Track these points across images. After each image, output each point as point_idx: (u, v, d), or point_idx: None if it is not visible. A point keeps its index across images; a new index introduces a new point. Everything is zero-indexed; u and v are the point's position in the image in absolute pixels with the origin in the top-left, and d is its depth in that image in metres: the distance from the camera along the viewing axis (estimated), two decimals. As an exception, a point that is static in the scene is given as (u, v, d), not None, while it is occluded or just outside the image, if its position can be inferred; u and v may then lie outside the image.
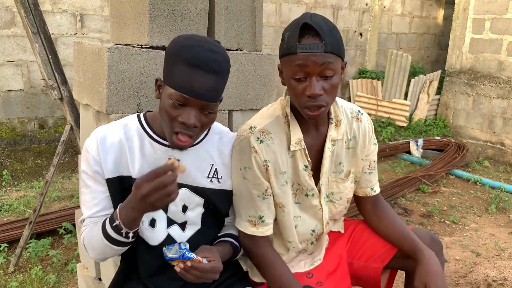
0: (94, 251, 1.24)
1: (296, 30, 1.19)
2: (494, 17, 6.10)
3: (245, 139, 1.32)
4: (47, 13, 4.55)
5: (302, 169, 1.37)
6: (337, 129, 1.40)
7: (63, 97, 2.68)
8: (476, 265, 2.93)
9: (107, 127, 1.28)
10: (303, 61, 1.18)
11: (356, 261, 1.56)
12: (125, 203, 1.14)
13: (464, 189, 4.51)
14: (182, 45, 1.15)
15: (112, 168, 1.24)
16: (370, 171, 1.52)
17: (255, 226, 1.36)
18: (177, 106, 1.14)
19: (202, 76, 1.13)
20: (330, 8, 6.90)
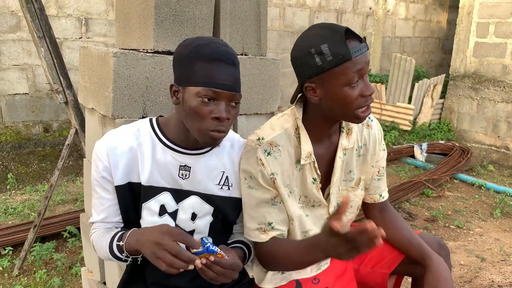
0: (100, 255, 1.28)
1: (341, 38, 1.16)
2: (498, 21, 6.09)
3: (252, 151, 1.30)
4: (52, 18, 4.58)
5: (311, 182, 1.35)
6: (348, 137, 1.38)
7: (68, 101, 2.69)
8: (481, 270, 2.92)
9: (118, 132, 1.26)
10: (359, 64, 1.18)
11: (363, 267, 1.55)
12: (138, 233, 1.15)
13: (468, 193, 4.49)
14: (197, 45, 1.16)
15: (122, 175, 1.23)
16: (379, 177, 1.51)
17: (265, 233, 1.32)
18: (206, 102, 1.13)
19: (225, 68, 1.14)
20: (334, 12, 6.91)
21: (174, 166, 1.24)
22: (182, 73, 1.17)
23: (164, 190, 1.25)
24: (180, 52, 1.18)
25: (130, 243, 1.15)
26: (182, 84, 1.17)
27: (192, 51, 1.15)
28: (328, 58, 1.17)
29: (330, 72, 1.18)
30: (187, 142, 1.25)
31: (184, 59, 1.16)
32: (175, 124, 1.25)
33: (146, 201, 1.25)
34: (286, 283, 1.40)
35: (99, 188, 1.26)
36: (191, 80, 1.15)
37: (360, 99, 1.21)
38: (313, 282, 1.43)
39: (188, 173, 1.26)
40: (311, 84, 1.23)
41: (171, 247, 1.03)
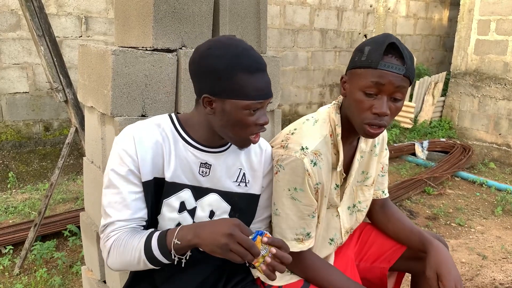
0: (121, 262, 1.18)
1: (382, 46, 1.19)
2: (499, 18, 6.06)
3: (298, 161, 1.27)
4: (52, 16, 4.57)
5: (333, 187, 1.37)
6: (366, 141, 1.41)
7: (68, 99, 2.69)
8: (483, 268, 2.91)
9: (142, 125, 1.23)
10: (381, 78, 1.18)
11: (363, 263, 1.57)
12: (194, 227, 1.11)
13: (470, 191, 4.48)
14: (234, 55, 1.13)
15: (150, 169, 1.20)
16: (383, 174, 1.55)
17: (302, 242, 1.34)
18: (252, 113, 1.16)
19: (264, 76, 1.17)
20: (335, 9, 6.90)
21: (195, 163, 1.24)
22: (220, 85, 1.14)
23: (185, 187, 1.24)
24: (211, 64, 1.14)
25: (183, 237, 1.09)
26: (220, 95, 1.15)
27: (231, 63, 1.13)
28: (363, 58, 1.22)
29: (357, 70, 1.23)
30: (209, 142, 1.26)
31: (222, 71, 1.13)
32: (199, 124, 1.24)
33: (168, 197, 1.23)
34: (294, 282, 1.40)
35: (122, 182, 1.18)
36: (235, 93, 1.14)
37: (369, 113, 1.22)
38: None
39: (209, 170, 1.26)
40: (345, 77, 1.29)
41: (245, 240, 1.04)
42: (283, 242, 1.12)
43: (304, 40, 6.63)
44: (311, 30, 6.68)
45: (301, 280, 1.40)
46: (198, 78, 1.19)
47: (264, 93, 1.16)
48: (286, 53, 6.47)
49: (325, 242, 1.47)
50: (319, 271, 1.36)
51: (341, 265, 1.50)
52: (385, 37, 1.21)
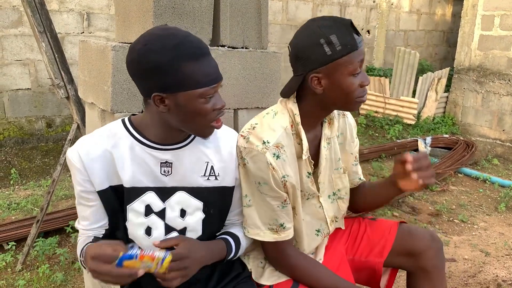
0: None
1: (348, 29, 1.22)
2: (503, 13, 6.02)
3: (260, 155, 1.27)
4: (53, 12, 4.57)
5: (305, 176, 1.38)
6: (330, 127, 1.43)
7: (70, 96, 2.68)
8: (486, 265, 2.90)
9: (90, 138, 1.21)
10: (362, 55, 1.25)
11: (357, 257, 1.57)
12: (85, 251, 1.11)
13: (473, 187, 4.46)
14: (173, 46, 1.08)
15: (101, 179, 1.19)
16: (356, 162, 1.58)
17: (277, 233, 1.34)
18: (207, 100, 1.14)
19: (209, 60, 1.14)
20: (337, 5, 6.87)
21: (155, 164, 1.21)
22: (167, 80, 1.09)
23: (148, 190, 1.21)
24: (155, 60, 1.08)
25: (85, 259, 1.10)
26: (170, 91, 1.10)
27: (174, 55, 1.08)
28: (338, 48, 1.21)
29: (338, 61, 1.23)
30: (167, 140, 1.22)
31: (166, 65, 1.08)
32: (152, 124, 1.20)
33: (131, 203, 1.21)
34: (283, 281, 1.40)
35: (79, 195, 1.22)
36: (185, 84, 1.10)
37: (359, 89, 1.28)
38: None
39: (170, 169, 1.22)
40: (317, 75, 1.26)
41: (106, 271, 1.01)
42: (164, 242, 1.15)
43: (306, 36, 6.60)
44: (313, 26, 6.65)
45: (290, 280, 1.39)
46: (142, 77, 1.12)
47: (214, 77, 1.14)
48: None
49: (312, 234, 1.47)
50: (306, 270, 1.36)
51: (333, 261, 1.50)
52: (340, 20, 1.25)
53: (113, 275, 1.01)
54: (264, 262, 1.46)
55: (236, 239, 1.34)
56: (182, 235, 1.26)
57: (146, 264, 1.04)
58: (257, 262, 1.46)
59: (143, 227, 1.23)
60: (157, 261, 1.05)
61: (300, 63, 1.28)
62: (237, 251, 1.34)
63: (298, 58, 1.28)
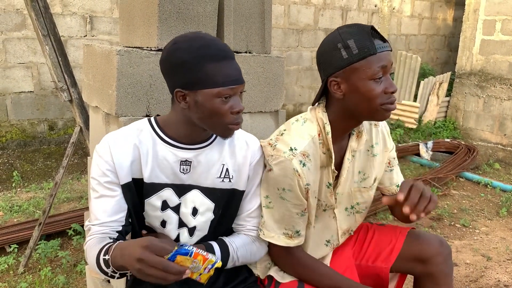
0: (91, 266, 1.21)
1: (367, 33, 1.22)
2: (505, 18, 6.03)
3: (287, 162, 1.28)
4: (57, 16, 4.59)
5: (326, 185, 1.38)
6: (358, 139, 1.40)
7: (73, 99, 2.69)
8: (487, 270, 2.90)
9: (119, 133, 1.28)
10: (384, 60, 1.23)
11: (364, 262, 1.56)
12: (121, 247, 1.08)
13: (474, 192, 4.46)
14: (200, 47, 1.16)
15: (126, 173, 1.24)
16: (391, 168, 1.53)
17: (291, 238, 1.36)
18: (224, 101, 1.18)
19: (232, 63, 1.19)
20: (339, 9, 6.88)
21: (175, 162, 1.26)
22: (190, 77, 1.17)
23: (165, 186, 1.27)
24: (181, 57, 1.17)
25: (115, 258, 1.08)
26: (191, 88, 1.18)
27: (197, 54, 1.16)
28: (354, 52, 1.22)
29: (355, 65, 1.23)
30: (188, 139, 1.27)
31: (190, 63, 1.16)
32: (177, 122, 1.26)
33: (149, 197, 1.27)
34: (288, 281, 1.40)
35: (101, 188, 1.24)
36: (205, 83, 1.16)
37: (384, 95, 1.25)
38: None
39: (189, 167, 1.27)
40: (336, 79, 1.27)
41: (156, 262, 0.96)
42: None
43: (308, 40, 6.62)
44: (315, 30, 6.67)
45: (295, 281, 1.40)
46: (169, 73, 1.21)
47: (233, 79, 1.18)
48: (290, 53, 6.46)
49: (321, 243, 1.47)
50: (309, 267, 1.37)
51: (339, 265, 1.50)
52: (361, 26, 1.25)
53: (163, 268, 0.96)
54: (271, 264, 1.46)
55: (225, 247, 1.32)
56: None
57: (196, 265, 1.03)
58: (264, 264, 1.46)
59: (158, 220, 1.29)
60: (207, 264, 1.04)
61: (322, 68, 1.31)
62: (225, 259, 1.31)
63: (320, 64, 1.32)
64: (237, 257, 1.33)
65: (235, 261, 1.33)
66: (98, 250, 1.16)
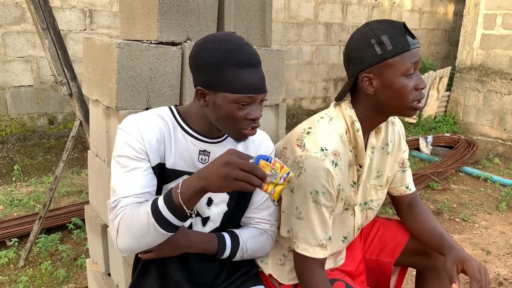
0: (129, 235, 1.14)
1: (401, 29, 1.22)
2: (506, 12, 6.01)
3: (319, 162, 1.24)
4: (56, 9, 4.57)
5: (350, 185, 1.36)
6: (376, 136, 1.39)
7: (73, 92, 2.69)
8: (487, 263, 2.91)
9: (144, 114, 1.27)
10: (415, 56, 1.23)
11: (368, 255, 1.57)
12: (194, 174, 1.10)
13: (474, 186, 4.47)
14: (225, 51, 1.16)
15: (155, 155, 1.23)
16: (403, 169, 1.52)
17: (326, 248, 1.31)
18: (241, 107, 1.18)
19: (255, 72, 1.18)
20: (339, 3, 6.86)
21: (194, 151, 1.28)
22: (212, 78, 1.17)
23: (184, 174, 1.27)
24: (205, 58, 1.17)
25: (189, 185, 1.08)
26: (211, 88, 1.18)
27: (222, 58, 1.16)
28: (389, 48, 1.21)
29: (389, 61, 1.22)
30: (207, 132, 1.29)
31: (213, 65, 1.16)
32: (197, 115, 1.27)
33: (167, 183, 1.28)
34: (286, 285, 1.41)
35: (132, 161, 1.19)
36: (225, 87, 1.17)
37: (415, 91, 1.25)
38: (331, 270, 1.46)
39: (207, 157, 1.29)
40: (368, 75, 1.26)
41: (244, 164, 1.03)
42: None
43: (308, 34, 6.60)
44: (315, 24, 6.65)
45: None
46: (194, 70, 1.23)
47: (254, 88, 1.17)
48: (290, 47, 6.45)
49: (338, 240, 1.45)
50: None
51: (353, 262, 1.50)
52: (393, 22, 1.25)
53: (250, 170, 1.02)
54: (283, 259, 1.45)
55: (235, 238, 1.34)
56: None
57: (274, 172, 1.08)
58: (276, 259, 1.45)
59: None
60: (283, 172, 1.08)
61: (352, 64, 1.29)
62: (235, 250, 1.33)
63: (350, 59, 1.29)
64: (246, 249, 1.34)
65: (243, 252, 1.34)
66: (151, 203, 1.12)
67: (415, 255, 1.51)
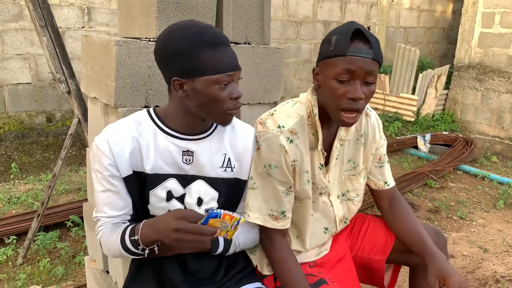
0: (110, 253, 1.28)
1: (348, 34, 1.21)
2: (504, 11, 6.02)
3: (274, 138, 1.31)
4: (54, 7, 4.56)
5: (318, 167, 1.39)
6: (346, 129, 1.41)
7: (71, 90, 2.69)
8: (484, 261, 2.92)
9: (118, 125, 1.27)
10: (351, 64, 1.21)
11: (360, 254, 1.58)
12: (152, 223, 1.18)
13: (471, 184, 4.48)
14: (194, 34, 1.16)
15: (127, 166, 1.24)
16: (381, 164, 1.54)
17: (276, 220, 1.36)
18: (223, 87, 1.18)
19: (228, 50, 1.20)
20: (338, 1, 6.86)
21: (177, 152, 1.27)
22: (187, 65, 1.17)
23: (169, 177, 1.27)
24: (175, 46, 1.17)
25: (146, 235, 1.17)
26: (188, 76, 1.18)
27: (193, 42, 1.16)
28: (331, 48, 1.24)
29: (326, 61, 1.26)
30: (188, 129, 1.28)
31: (186, 52, 1.16)
32: (175, 112, 1.27)
33: (153, 189, 1.27)
34: (268, 275, 1.43)
35: (105, 182, 1.25)
36: (202, 70, 1.16)
37: (345, 99, 1.24)
38: (310, 265, 1.46)
39: (192, 157, 1.28)
40: (316, 69, 1.32)
41: (192, 228, 1.09)
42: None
43: (307, 32, 6.60)
44: (314, 22, 6.65)
45: None
46: (165, 64, 1.21)
47: (231, 65, 1.19)
48: (289, 45, 6.45)
49: (320, 231, 1.48)
50: (281, 260, 1.35)
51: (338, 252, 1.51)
52: (350, 25, 1.25)
53: (198, 232, 1.09)
54: None
55: None
56: None
57: (225, 224, 1.14)
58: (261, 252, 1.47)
59: (164, 210, 1.29)
60: (234, 221, 1.14)
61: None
62: (227, 245, 1.35)
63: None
64: (238, 243, 1.36)
65: (236, 246, 1.36)
66: (120, 234, 1.22)
67: (406, 253, 1.52)
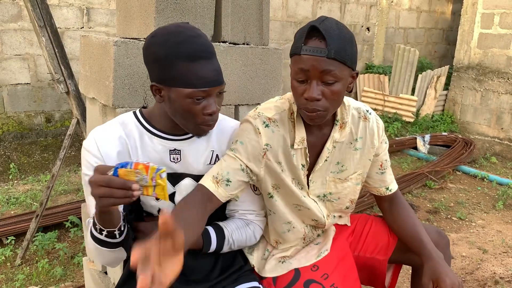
0: (95, 256, 1.24)
1: (304, 32, 1.18)
2: (503, 11, 6.03)
3: (250, 119, 1.31)
4: (53, 7, 4.55)
5: (300, 167, 1.36)
6: (341, 131, 1.36)
7: (70, 91, 2.68)
8: (483, 262, 2.91)
9: (104, 126, 1.27)
10: (305, 64, 1.16)
11: (362, 254, 1.57)
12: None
13: (471, 185, 4.48)
14: (173, 44, 1.12)
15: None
16: (382, 171, 1.49)
17: (217, 184, 1.28)
18: (196, 101, 1.15)
19: (209, 64, 1.15)
20: (338, 2, 6.86)
21: (164, 152, 1.26)
22: (164, 73, 1.15)
23: None
24: (155, 52, 1.14)
25: (95, 213, 1.09)
26: (165, 83, 1.16)
27: (170, 52, 1.12)
28: (293, 45, 1.22)
29: (291, 58, 1.23)
30: (174, 129, 1.27)
31: (164, 60, 1.13)
32: (160, 114, 1.26)
33: None
34: (285, 272, 1.40)
35: None
36: (177, 81, 1.14)
37: (303, 99, 1.20)
38: (312, 269, 1.43)
39: (179, 156, 1.28)
40: (290, 64, 1.27)
41: (100, 180, 0.96)
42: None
43: (306, 32, 6.59)
44: (313, 23, 6.64)
45: (292, 270, 1.40)
46: (147, 66, 1.20)
47: (207, 81, 1.14)
48: (288, 45, 6.44)
49: (309, 220, 1.47)
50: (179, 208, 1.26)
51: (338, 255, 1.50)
52: (312, 22, 1.20)
53: (106, 184, 0.96)
54: (267, 254, 1.47)
55: (220, 231, 1.34)
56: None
57: (141, 176, 0.99)
58: (261, 254, 1.46)
59: (155, 209, 1.30)
60: (152, 171, 1.00)
61: None
62: (221, 243, 1.33)
63: None
64: (232, 240, 1.34)
65: (230, 244, 1.34)
66: (89, 229, 1.17)
67: (408, 252, 1.51)
